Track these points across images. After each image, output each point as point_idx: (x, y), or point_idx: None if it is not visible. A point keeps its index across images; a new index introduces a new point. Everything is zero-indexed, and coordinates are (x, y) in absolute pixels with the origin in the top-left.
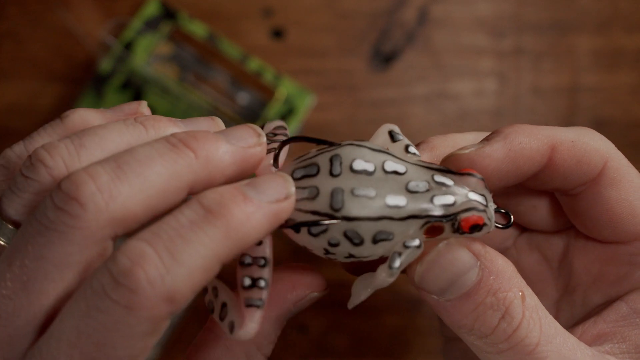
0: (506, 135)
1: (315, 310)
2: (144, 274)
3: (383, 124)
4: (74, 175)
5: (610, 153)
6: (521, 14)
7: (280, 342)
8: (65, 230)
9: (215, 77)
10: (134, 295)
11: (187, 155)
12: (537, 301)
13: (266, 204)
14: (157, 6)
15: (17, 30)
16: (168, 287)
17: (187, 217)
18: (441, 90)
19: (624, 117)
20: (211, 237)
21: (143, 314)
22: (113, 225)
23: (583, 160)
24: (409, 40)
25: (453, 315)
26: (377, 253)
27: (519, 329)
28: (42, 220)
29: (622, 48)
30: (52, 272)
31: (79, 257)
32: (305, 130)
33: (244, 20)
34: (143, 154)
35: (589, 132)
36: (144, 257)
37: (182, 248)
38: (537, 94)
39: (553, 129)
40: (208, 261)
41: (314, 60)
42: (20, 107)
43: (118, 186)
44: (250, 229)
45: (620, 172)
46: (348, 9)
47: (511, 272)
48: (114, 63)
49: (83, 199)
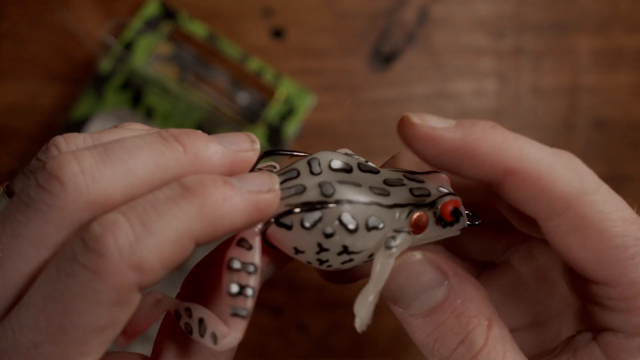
0: (469, 133)
1: (315, 310)
2: (114, 240)
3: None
4: (59, 156)
5: (579, 201)
6: (521, 14)
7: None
8: (44, 209)
9: (215, 77)
10: (101, 259)
11: (176, 149)
12: (507, 334)
13: (246, 192)
14: (157, 6)
15: (17, 30)
16: (137, 255)
17: (164, 194)
18: (441, 90)
19: (624, 117)
20: (185, 212)
21: (109, 280)
22: (92, 209)
23: (541, 198)
24: (409, 40)
25: (416, 332)
26: (369, 246)
27: (478, 356)
28: (24, 198)
29: (622, 48)
30: (27, 251)
31: (55, 237)
32: (305, 131)
33: (244, 20)
34: (132, 142)
35: (568, 170)
36: (116, 225)
37: (154, 219)
38: (537, 94)
39: (533, 149)
40: (180, 235)
41: (314, 60)
42: (20, 107)
43: (101, 170)
44: (227, 211)
45: (586, 221)
46: (348, 9)
47: (480, 298)
48: (114, 63)
49: (64, 178)
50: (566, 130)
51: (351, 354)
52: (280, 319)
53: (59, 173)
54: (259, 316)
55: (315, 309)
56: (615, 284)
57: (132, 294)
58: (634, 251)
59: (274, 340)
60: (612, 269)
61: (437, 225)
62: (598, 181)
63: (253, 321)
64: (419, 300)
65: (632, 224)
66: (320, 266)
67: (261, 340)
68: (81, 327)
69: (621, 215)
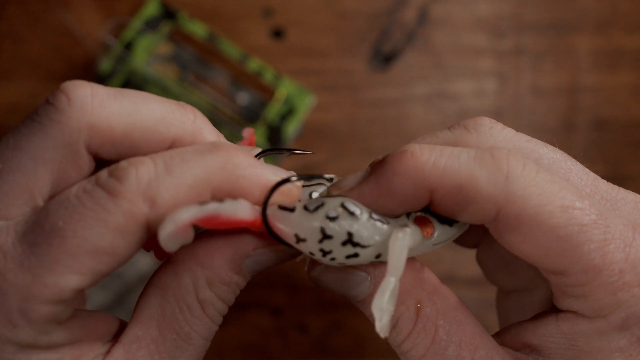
0: (380, 175)
1: (315, 310)
2: (135, 172)
3: None
4: (77, 81)
5: (509, 199)
6: (521, 14)
7: (280, 342)
8: (47, 123)
9: (215, 77)
10: (119, 184)
11: (187, 114)
12: (445, 308)
13: (270, 171)
14: (157, 6)
15: (17, 30)
16: (153, 189)
17: (194, 148)
18: (441, 90)
19: (624, 117)
20: (209, 162)
21: (122, 203)
22: (90, 133)
23: (469, 208)
24: (409, 40)
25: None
26: (375, 241)
27: (406, 341)
28: (31, 115)
29: (622, 48)
30: (26, 164)
31: (52, 153)
32: (305, 130)
33: (244, 20)
34: (147, 94)
35: (491, 172)
36: (142, 162)
37: (177, 163)
38: (537, 94)
39: (450, 161)
40: (198, 181)
41: (314, 60)
42: (20, 107)
43: (111, 100)
44: (248, 175)
45: (521, 218)
46: (348, 9)
47: (407, 284)
48: (114, 63)
49: (72, 96)
50: (566, 130)
51: (351, 354)
52: (280, 319)
53: (69, 90)
54: (259, 316)
55: (315, 309)
56: (570, 273)
57: (138, 226)
58: (580, 239)
59: (274, 340)
60: (563, 260)
61: (444, 225)
62: (531, 173)
63: (253, 321)
64: (350, 295)
65: (575, 210)
66: (324, 258)
67: (261, 340)
68: (79, 240)
69: (560, 203)
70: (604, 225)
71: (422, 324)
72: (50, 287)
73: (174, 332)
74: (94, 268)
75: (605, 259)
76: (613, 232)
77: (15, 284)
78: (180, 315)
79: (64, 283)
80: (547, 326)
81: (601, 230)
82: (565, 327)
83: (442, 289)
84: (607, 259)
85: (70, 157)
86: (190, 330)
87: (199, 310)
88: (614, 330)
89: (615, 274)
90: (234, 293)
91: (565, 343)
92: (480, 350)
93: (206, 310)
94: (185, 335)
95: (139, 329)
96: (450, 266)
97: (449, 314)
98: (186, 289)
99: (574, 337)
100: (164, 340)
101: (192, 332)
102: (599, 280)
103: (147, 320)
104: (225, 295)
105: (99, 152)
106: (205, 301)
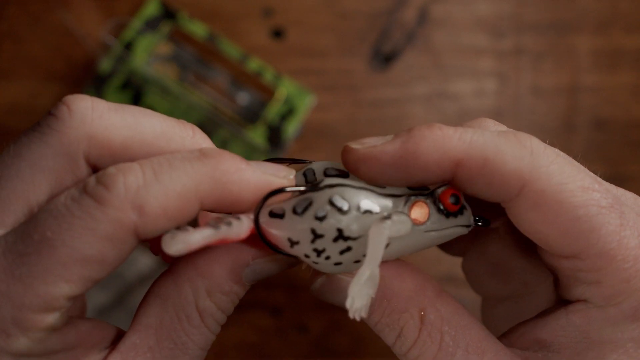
0: (407, 138)
1: (315, 310)
2: (124, 179)
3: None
4: (79, 95)
5: (533, 175)
6: (521, 14)
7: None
8: (47, 132)
9: (215, 77)
10: (107, 192)
11: (186, 130)
12: (450, 313)
13: (260, 171)
14: (157, 6)
15: (17, 30)
16: (141, 197)
17: (182, 154)
18: (441, 90)
19: (624, 117)
20: (196, 171)
21: (110, 212)
22: (90, 143)
23: (494, 182)
24: (409, 40)
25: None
26: (365, 229)
27: (412, 349)
28: (34, 126)
29: (622, 48)
30: (25, 172)
31: (51, 162)
32: (305, 131)
33: (244, 20)
34: (149, 110)
35: (516, 147)
36: (130, 169)
37: (166, 171)
38: (537, 94)
39: (475, 136)
40: (186, 190)
41: (314, 60)
42: (20, 107)
43: (111, 113)
44: (236, 180)
45: (545, 195)
46: (348, 9)
47: (409, 292)
48: (114, 63)
49: (73, 107)
50: (566, 130)
51: (351, 354)
52: (280, 319)
53: (71, 102)
54: (259, 316)
55: (315, 309)
56: (584, 256)
57: (127, 235)
58: (599, 220)
59: (274, 340)
60: (579, 241)
61: (440, 215)
62: (552, 153)
63: (253, 321)
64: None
65: (594, 192)
66: (319, 258)
67: (261, 340)
68: (68, 249)
69: (580, 184)
70: (620, 210)
71: (427, 331)
72: (42, 296)
73: (171, 341)
74: (85, 276)
75: (621, 243)
76: (628, 218)
77: (7, 294)
78: (178, 324)
79: (56, 291)
80: (557, 320)
81: (617, 215)
82: (577, 318)
83: (444, 294)
84: (622, 243)
85: (68, 166)
86: (187, 340)
87: (197, 320)
88: (626, 319)
89: (630, 260)
90: (233, 303)
91: (577, 335)
92: (488, 353)
93: (205, 320)
94: (182, 344)
95: (137, 337)
96: (450, 266)
97: (453, 319)
98: (186, 299)
99: (585, 328)
100: (160, 349)
101: (189, 342)
102: (613, 266)
103: (145, 329)
104: (225, 305)
105: (97, 164)
106: (205, 311)
